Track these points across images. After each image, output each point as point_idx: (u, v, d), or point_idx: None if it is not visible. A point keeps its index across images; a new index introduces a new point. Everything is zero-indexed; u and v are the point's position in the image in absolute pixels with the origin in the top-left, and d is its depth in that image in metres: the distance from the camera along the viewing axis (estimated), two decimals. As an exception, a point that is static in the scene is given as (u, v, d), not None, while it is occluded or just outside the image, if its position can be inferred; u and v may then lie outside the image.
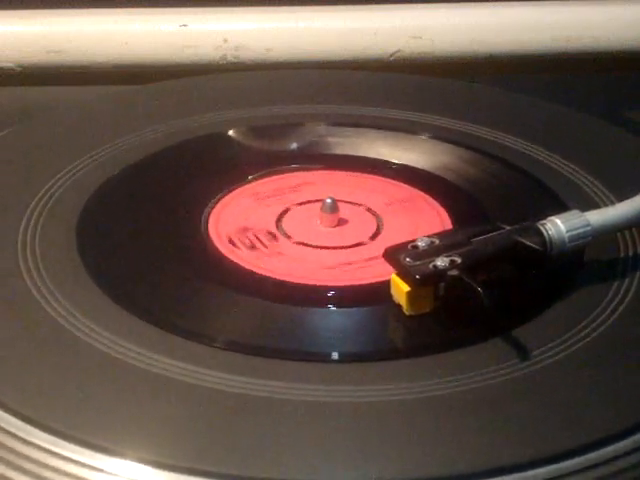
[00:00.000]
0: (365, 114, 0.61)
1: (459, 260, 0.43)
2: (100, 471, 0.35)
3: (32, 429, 0.37)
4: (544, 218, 0.45)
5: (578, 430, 0.37)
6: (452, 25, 0.77)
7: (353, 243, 0.50)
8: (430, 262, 0.43)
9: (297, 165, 0.57)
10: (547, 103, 0.64)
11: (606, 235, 0.46)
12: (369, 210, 0.52)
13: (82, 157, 0.55)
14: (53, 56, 0.75)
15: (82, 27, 0.75)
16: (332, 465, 0.36)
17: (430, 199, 0.53)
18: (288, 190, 0.54)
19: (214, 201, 0.53)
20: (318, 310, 0.45)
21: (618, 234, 0.48)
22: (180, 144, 0.58)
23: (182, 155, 0.57)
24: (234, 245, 0.49)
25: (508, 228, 0.45)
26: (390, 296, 0.44)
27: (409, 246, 0.44)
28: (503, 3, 0.78)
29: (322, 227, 0.51)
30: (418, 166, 0.57)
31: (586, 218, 0.45)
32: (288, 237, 0.50)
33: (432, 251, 0.43)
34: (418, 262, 0.43)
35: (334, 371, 0.41)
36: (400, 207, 0.53)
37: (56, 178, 0.53)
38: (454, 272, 0.42)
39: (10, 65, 0.75)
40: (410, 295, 0.43)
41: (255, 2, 0.77)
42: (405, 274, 0.43)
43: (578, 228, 0.45)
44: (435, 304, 0.43)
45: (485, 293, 0.41)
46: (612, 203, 0.50)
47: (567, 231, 0.44)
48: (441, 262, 0.43)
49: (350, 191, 0.54)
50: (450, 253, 0.43)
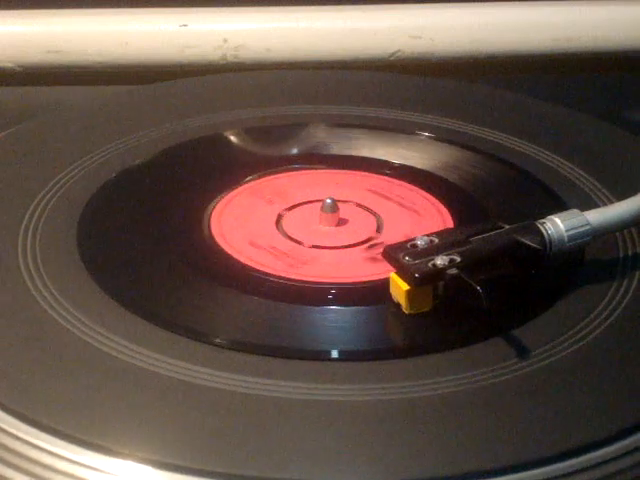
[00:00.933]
0: (365, 114, 0.61)
1: (458, 259, 0.43)
2: (100, 471, 0.35)
3: (32, 429, 0.37)
4: (543, 217, 0.45)
5: (578, 430, 0.37)
6: (452, 25, 0.77)
7: (353, 243, 0.50)
8: (429, 261, 0.43)
9: (297, 165, 0.57)
10: (547, 103, 0.64)
11: (606, 234, 0.46)
12: (369, 210, 0.52)
13: (82, 158, 0.55)
14: (53, 56, 0.75)
15: (82, 27, 0.75)
16: (332, 465, 0.36)
17: (430, 199, 0.53)
18: (288, 190, 0.54)
19: (214, 201, 0.53)
20: (317, 309, 0.45)
21: (618, 234, 0.48)
22: (180, 145, 0.58)
23: (182, 156, 0.57)
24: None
25: (507, 227, 0.45)
26: (389, 295, 0.44)
27: (408, 245, 0.44)
28: (503, 3, 0.78)
29: (322, 227, 0.51)
30: (418, 166, 0.57)
31: (585, 217, 0.45)
32: (288, 237, 0.50)
33: (431, 250, 0.43)
34: (417, 261, 0.43)
35: (333, 370, 0.41)
36: (400, 207, 0.53)
37: (56, 179, 0.53)
38: (453, 271, 0.42)
39: (10, 65, 0.75)
40: (409, 294, 0.43)
41: (255, 2, 0.77)
42: (404, 273, 0.43)
43: (577, 227, 0.44)
44: (434, 303, 0.43)
45: (484, 292, 0.41)
46: (612, 203, 0.50)
47: (566, 230, 0.44)
48: (440, 261, 0.43)
49: (350, 191, 0.54)
50: (449, 252, 0.43)
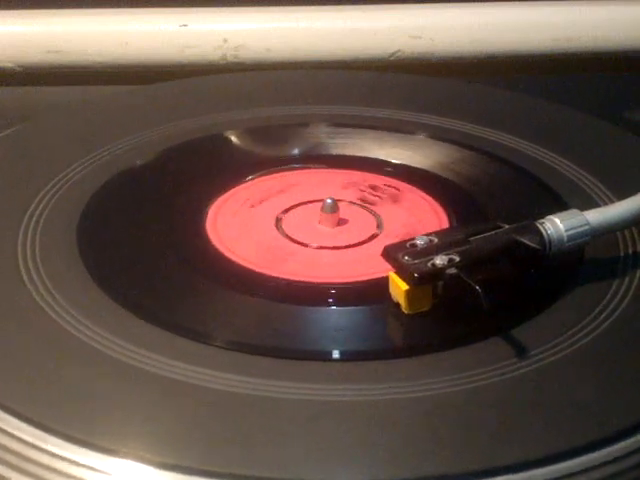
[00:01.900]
0: (365, 114, 0.61)
1: (458, 259, 0.43)
2: (100, 471, 0.35)
3: (32, 429, 0.36)
4: (543, 217, 0.45)
5: (578, 430, 0.37)
6: (452, 25, 0.77)
7: (353, 243, 0.50)
8: (429, 260, 0.43)
9: (297, 165, 0.57)
10: (547, 103, 0.64)
11: (605, 234, 0.46)
12: (369, 210, 0.52)
13: (82, 158, 0.55)
14: (53, 56, 0.75)
15: (82, 27, 0.75)
16: (332, 465, 0.36)
17: (430, 199, 0.53)
18: (288, 190, 0.54)
19: (214, 201, 0.53)
20: (317, 309, 0.45)
21: (618, 233, 0.48)
22: (180, 145, 0.58)
23: (182, 156, 0.57)
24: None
25: (507, 227, 0.45)
26: (388, 294, 0.44)
27: (408, 244, 0.44)
28: (503, 3, 0.78)
29: (322, 227, 0.51)
30: (418, 166, 0.57)
31: (585, 217, 0.45)
32: (288, 237, 0.50)
33: (431, 249, 0.43)
34: (417, 260, 0.43)
35: (332, 370, 0.41)
36: (400, 206, 0.53)
37: (56, 179, 0.53)
38: (452, 271, 0.42)
39: (10, 65, 0.75)
40: (409, 293, 0.43)
41: (255, 2, 0.77)
42: (404, 272, 0.43)
43: (577, 227, 0.44)
44: (434, 303, 0.43)
45: (483, 292, 0.41)
46: (612, 202, 0.50)
47: (566, 230, 0.44)
48: (440, 260, 0.43)
49: (350, 191, 0.54)
50: (449, 252, 0.43)
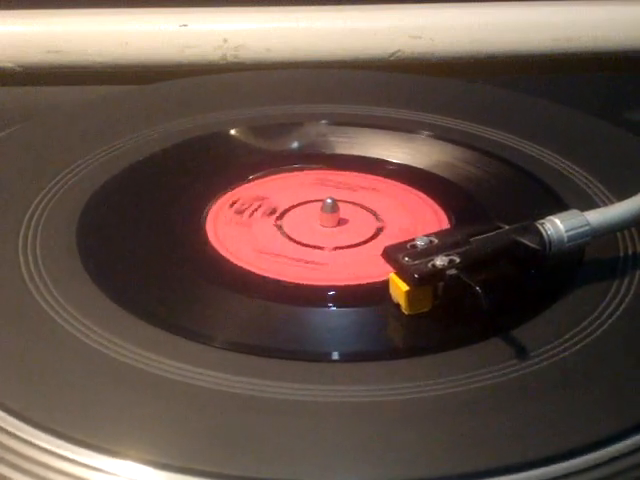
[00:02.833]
0: (365, 114, 0.61)
1: (458, 259, 0.43)
2: (100, 471, 0.35)
3: (32, 429, 0.37)
4: (543, 217, 0.45)
5: (578, 430, 0.37)
6: (452, 25, 0.77)
7: (353, 243, 0.50)
8: (429, 261, 0.43)
9: (297, 165, 0.57)
10: (547, 103, 0.64)
11: (605, 235, 0.46)
12: (369, 210, 0.52)
13: (82, 157, 0.55)
14: (53, 56, 0.75)
15: (82, 27, 0.75)
16: (332, 465, 0.36)
17: (430, 199, 0.53)
18: (288, 190, 0.54)
19: (214, 201, 0.53)
20: (317, 310, 0.45)
21: (618, 234, 0.48)
22: (180, 144, 0.58)
23: (182, 155, 0.57)
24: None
25: (507, 227, 0.45)
26: (389, 295, 0.44)
27: (408, 245, 0.44)
28: (503, 3, 0.78)
29: (322, 227, 0.51)
30: (418, 166, 0.57)
31: (585, 218, 0.45)
32: (288, 237, 0.50)
33: (431, 250, 0.43)
34: (417, 261, 0.43)
35: (333, 371, 0.41)
36: (400, 207, 0.53)
37: (56, 179, 0.53)
38: (453, 271, 0.42)
39: (10, 65, 0.75)
40: (409, 294, 0.43)
41: (255, 2, 0.77)
42: (404, 273, 0.43)
43: (577, 228, 0.44)
44: (434, 303, 0.43)
45: (484, 293, 0.41)
46: (612, 203, 0.50)
47: (566, 231, 0.44)
48: (440, 261, 0.43)
49: (350, 191, 0.54)
50: (449, 252, 0.43)
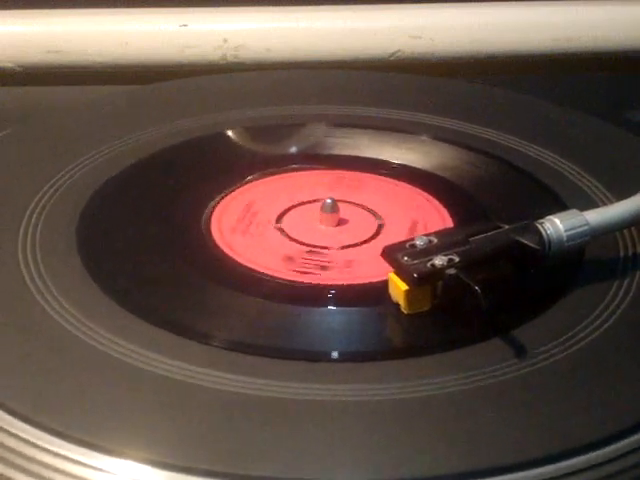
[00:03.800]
0: (365, 114, 0.61)
1: (457, 259, 0.43)
2: (100, 471, 0.35)
3: (32, 429, 0.37)
4: (542, 217, 0.45)
5: (578, 430, 0.37)
6: (452, 25, 0.77)
7: (353, 243, 0.50)
8: (428, 261, 0.43)
9: (297, 165, 0.57)
10: (547, 103, 0.64)
11: (605, 235, 0.46)
12: (369, 210, 0.52)
13: (82, 157, 0.55)
14: (53, 56, 0.75)
15: (82, 27, 0.75)
16: (332, 464, 0.36)
17: (429, 199, 0.53)
18: (288, 190, 0.54)
19: (214, 201, 0.53)
20: (316, 310, 0.45)
21: (618, 234, 0.48)
22: (180, 144, 0.58)
23: (182, 156, 0.57)
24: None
25: (506, 227, 0.45)
26: (388, 295, 0.44)
27: (407, 245, 0.44)
28: (503, 3, 0.78)
29: (322, 227, 0.51)
30: (418, 166, 0.57)
31: (584, 217, 0.45)
32: (288, 237, 0.50)
33: (430, 250, 0.43)
34: (416, 261, 0.43)
35: (332, 370, 0.41)
36: (400, 207, 0.53)
37: (56, 178, 0.53)
38: (452, 271, 0.42)
39: (10, 65, 0.75)
40: (408, 294, 0.43)
41: (255, 2, 0.77)
42: (403, 273, 0.43)
43: (576, 227, 0.44)
44: (433, 303, 0.43)
45: (483, 292, 0.41)
46: (611, 203, 0.50)
47: (565, 230, 0.44)
48: (439, 261, 0.43)
49: (350, 191, 0.54)
50: (448, 252, 0.43)
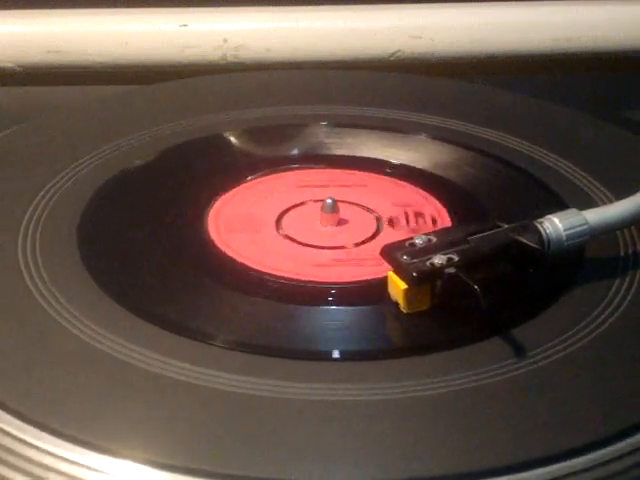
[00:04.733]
0: (365, 114, 0.61)
1: (456, 258, 0.43)
2: (100, 471, 0.35)
3: (32, 429, 0.37)
4: (542, 217, 0.45)
5: (577, 430, 0.37)
6: (452, 25, 0.77)
7: (353, 243, 0.50)
8: (427, 260, 0.43)
9: (297, 165, 0.57)
10: (547, 103, 0.64)
11: (604, 234, 0.46)
12: (369, 210, 0.52)
13: (82, 158, 0.55)
14: (53, 56, 0.75)
15: (82, 27, 0.75)
16: (332, 464, 0.36)
17: (429, 198, 0.53)
18: (288, 190, 0.54)
19: (214, 201, 0.53)
20: (316, 309, 0.45)
21: (618, 233, 0.48)
22: (180, 145, 0.58)
23: (182, 156, 0.57)
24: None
25: (506, 226, 0.45)
26: (387, 294, 0.44)
27: (406, 244, 0.44)
28: (503, 3, 0.78)
29: (322, 227, 0.51)
30: (417, 166, 0.57)
31: (584, 217, 0.45)
32: (288, 237, 0.50)
33: (429, 249, 0.43)
34: (415, 260, 0.43)
35: (331, 370, 0.41)
36: (400, 206, 0.53)
37: (56, 179, 0.53)
38: (451, 270, 0.42)
39: (10, 65, 0.75)
40: (407, 293, 0.43)
41: (255, 2, 0.77)
42: (402, 272, 0.43)
43: (576, 227, 0.44)
44: (432, 302, 0.43)
45: (482, 291, 0.41)
46: (611, 202, 0.50)
47: (565, 229, 0.44)
48: (438, 260, 0.43)
49: (350, 191, 0.54)
50: (447, 251, 0.43)
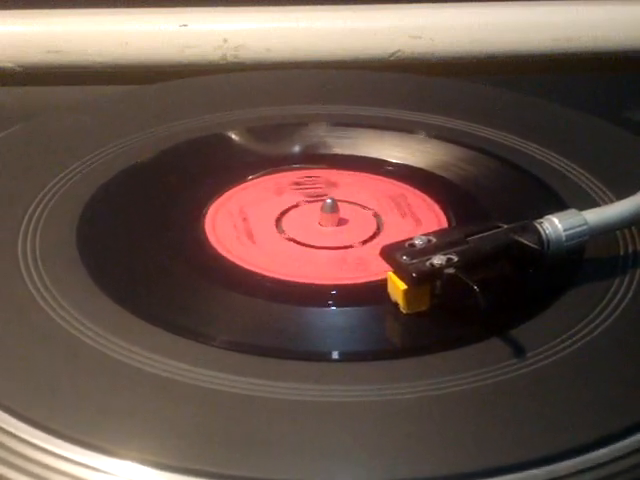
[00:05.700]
0: (365, 114, 0.61)
1: (456, 258, 0.43)
2: (100, 471, 0.35)
3: (32, 429, 0.37)
4: (541, 217, 0.45)
5: (577, 430, 0.37)
6: (452, 25, 0.77)
7: (353, 243, 0.50)
8: (427, 260, 0.43)
9: (297, 165, 0.57)
10: (547, 103, 0.64)
11: (604, 234, 0.46)
12: (369, 210, 0.52)
13: (82, 158, 0.55)
14: (53, 56, 0.75)
15: (82, 27, 0.75)
16: (332, 465, 0.36)
17: (429, 198, 0.53)
18: (288, 190, 0.54)
19: (214, 201, 0.53)
20: (316, 310, 0.45)
21: (618, 233, 0.48)
22: (180, 145, 0.58)
23: (182, 156, 0.57)
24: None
25: (505, 227, 0.45)
26: (387, 294, 0.44)
27: (406, 244, 0.44)
28: (503, 3, 0.78)
29: (322, 227, 0.51)
30: (417, 165, 0.57)
31: (583, 217, 0.45)
32: (288, 237, 0.50)
33: (429, 249, 0.43)
34: (415, 260, 0.43)
35: (331, 370, 0.41)
36: (400, 206, 0.53)
37: (56, 179, 0.53)
38: (451, 270, 0.42)
39: (10, 65, 0.75)
40: (407, 293, 0.43)
41: (255, 2, 0.77)
42: (402, 272, 0.43)
43: (575, 227, 0.44)
44: (432, 302, 0.43)
45: (482, 292, 0.41)
46: (610, 202, 0.50)
47: (564, 230, 0.44)
48: (438, 260, 0.43)
49: (350, 191, 0.54)
50: (447, 251, 0.43)
